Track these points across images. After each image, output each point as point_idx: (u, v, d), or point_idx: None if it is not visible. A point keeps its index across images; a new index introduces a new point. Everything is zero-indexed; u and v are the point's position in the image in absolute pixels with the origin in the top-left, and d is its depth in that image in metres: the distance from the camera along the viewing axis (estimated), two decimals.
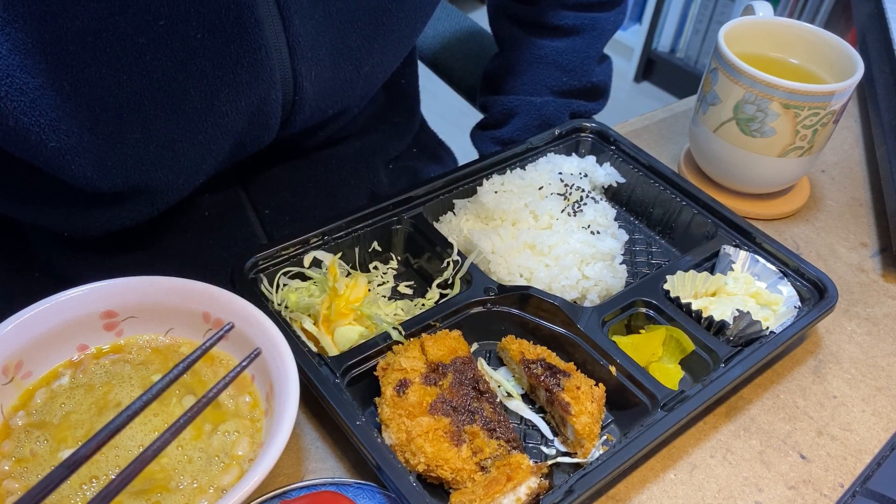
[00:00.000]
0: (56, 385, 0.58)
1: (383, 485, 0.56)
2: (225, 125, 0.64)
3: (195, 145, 0.64)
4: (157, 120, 0.60)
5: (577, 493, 0.54)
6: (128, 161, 0.61)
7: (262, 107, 0.66)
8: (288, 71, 0.65)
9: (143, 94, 0.58)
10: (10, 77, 0.52)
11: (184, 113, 0.61)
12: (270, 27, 0.62)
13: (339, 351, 0.64)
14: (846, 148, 1.02)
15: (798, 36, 0.87)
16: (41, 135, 0.55)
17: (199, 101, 0.61)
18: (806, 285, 0.73)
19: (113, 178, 0.62)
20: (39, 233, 0.77)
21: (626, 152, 0.87)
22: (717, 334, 0.69)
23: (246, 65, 0.61)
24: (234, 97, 0.63)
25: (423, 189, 0.78)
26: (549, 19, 0.94)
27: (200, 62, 0.59)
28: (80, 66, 0.55)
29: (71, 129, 0.57)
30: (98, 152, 0.59)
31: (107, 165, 0.60)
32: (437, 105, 1.04)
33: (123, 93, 0.57)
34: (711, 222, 0.79)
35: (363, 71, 0.73)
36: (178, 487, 0.53)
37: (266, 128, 0.68)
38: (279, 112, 0.68)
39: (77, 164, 0.59)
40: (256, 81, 0.63)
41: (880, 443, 0.66)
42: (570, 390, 0.61)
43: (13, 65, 0.52)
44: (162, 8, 0.55)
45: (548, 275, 0.71)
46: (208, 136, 0.64)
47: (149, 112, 0.60)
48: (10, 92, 0.53)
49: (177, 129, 0.62)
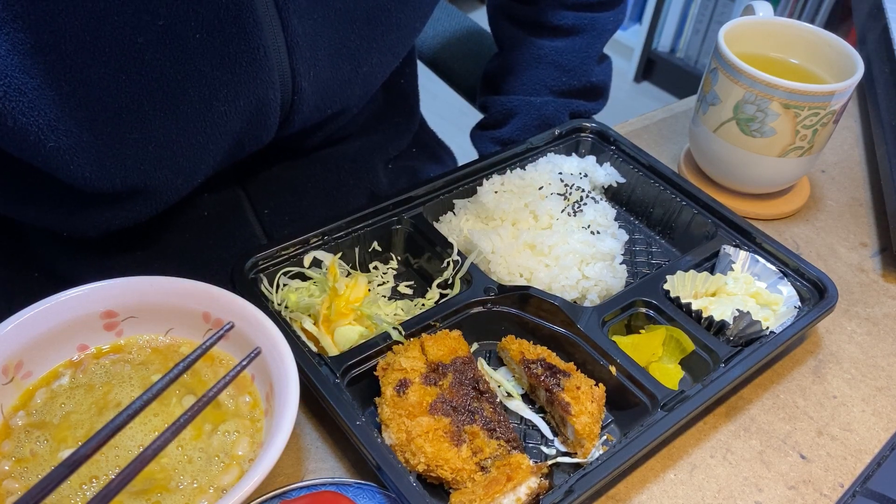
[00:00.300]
0: (56, 385, 0.58)
1: (383, 485, 0.56)
2: (223, 125, 0.64)
3: (194, 145, 0.64)
4: (155, 120, 0.60)
5: (577, 493, 0.54)
6: (126, 161, 0.61)
7: (261, 107, 0.65)
8: (286, 71, 0.65)
9: (141, 94, 0.58)
10: (9, 77, 0.52)
11: (182, 113, 0.61)
12: (269, 27, 0.61)
13: (339, 351, 0.64)
14: (846, 148, 1.02)
15: (798, 36, 0.87)
16: (39, 135, 0.55)
17: (198, 101, 0.61)
18: (806, 285, 0.73)
19: (111, 178, 0.62)
20: (39, 233, 0.77)
21: (626, 152, 0.87)
22: (717, 334, 0.69)
23: (244, 65, 0.61)
24: (233, 97, 0.63)
25: (423, 189, 0.78)
26: (548, 19, 0.94)
27: (199, 62, 0.59)
28: (78, 66, 0.54)
29: (69, 129, 0.57)
30: (96, 152, 0.59)
31: (105, 165, 0.60)
32: (437, 105, 1.04)
33: (122, 93, 0.57)
34: (711, 222, 0.79)
35: (362, 71, 0.73)
36: (178, 487, 0.53)
37: (265, 128, 0.68)
38: (278, 112, 0.68)
39: (75, 164, 0.59)
40: (255, 81, 0.63)
41: (880, 443, 0.66)
42: (570, 390, 0.61)
43: (11, 65, 0.52)
44: (160, 8, 0.55)
45: (548, 275, 0.71)
46: (207, 136, 0.64)
47: (147, 112, 0.59)
48: (8, 92, 0.53)
49: (175, 128, 0.62)
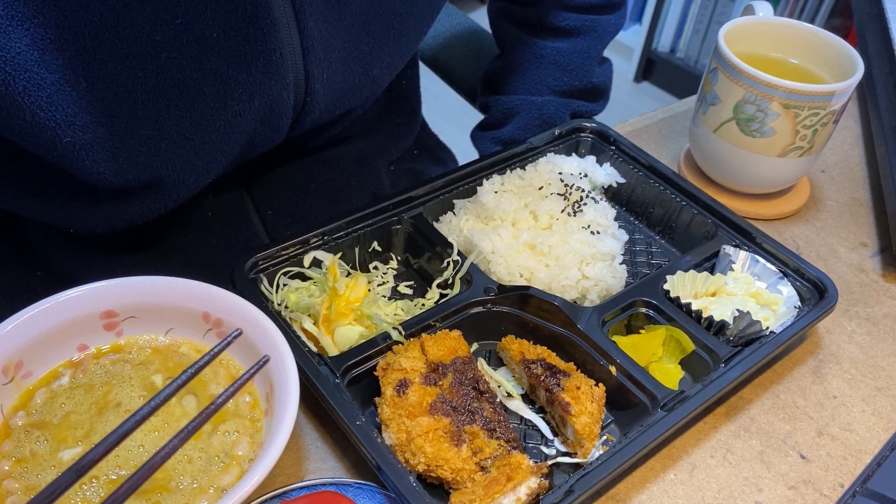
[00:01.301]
0: (56, 385, 0.58)
1: (383, 485, 0.56)
2: (237, 125, 0.64)
3: (207, 143, 0.64)
4: (170, 117, 0.61)
5: (577, 493, 0.54)
6: (140, 157, 0.62)
7: (274, 108, 0.66)
8: (300, 73, 0.65)
9: (157, 91, 0.59)
10: (28, 72, 0.52)
11: (197, 111, 0.61)
12: (286, 29, 0.62)
13: (339, 351, 0.64)
14: (846, 148, 1.02)
15: (798, 36, 0.87)
16: (56, 129, 0.56)
17: (213, 100, 0.61)
18: (806, 285, 0.73)
19: (125, 174, 0.62)
20: (42, 231, 0.77)
21: (626, 152, 0.87)
22: (717, 334, 0.69)
23: (260, 65, 0.62)
24: (248, 97, 0.63)
25: (423, 189, 0.78)
26: (550, 20, 0.94)
27: (215, 61, 0.59)
28: (97, 61, 0.55)
29: (86, 125, 0.57)
30: (111, 148, 0.59)
31: (119, 161, 0.61)
32: (438, 105, 1.04)
33: (138, 89, 0.58)
34: (711, 222, 0.79)
35: (372, 73, 0.73)
36: (178, 487, 0.53)
37: (276, 129, 0.69)
38: (290, 113, 0.68)
39: (90, 160, 0.59)
40: (269, 82, 0.63)
41: (880, 443, 0.66)
42: (570, 390, 0.61)
43: (31, 60, 0.52)
44: (179, 6, 0.56)
45: (548, 275, 0.71)
46: (220, 134, 0.64)
47: (162, 109, 0.60)
48: (27, 87, 0.53)
49: (189, 126, 0.62)
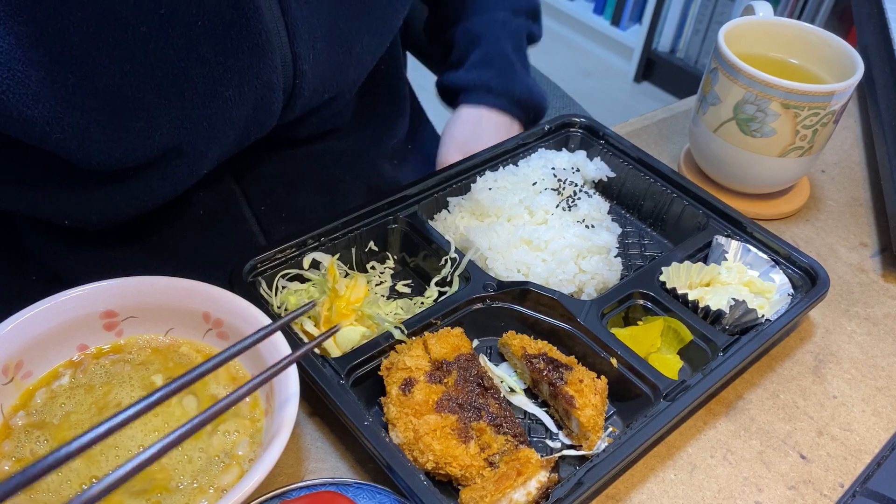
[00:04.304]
0: (56, 385, 0.58)
1: (383, 484, 0.56)
2: (229, 112, 0.64)
3: (200, 132, 0.64)
4: (161, 108, 0.60)
5: (587, 485, 0.54)
6: (133, 151, 0.62)
7: (265, 92, 0.66)
8: (287, 55, 0.66)
9: (146, 84, 0.58)
10: (12, 70, 0.52)
11: (188, 101, 0.61)
12: (269, 11, 0.62)
13: (342, 352, 0.64)
14: (846, 148, 1.02)
15: (798, 36, 0.87)
16: (45, 126, 0.56)
17: (203, 88, 0.61)
18: (798, 273, 0.74)
19: (118, 165, 0.62)
20: (36, 231, 0.76)
21: (616, 146, 0.87)
22: (713, 323, 0.69)
23: (247, 50, 0.62)
24: (238, 83, 0.63)
25: (417, 188, 0.78)
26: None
27: (203, 49, 0.59)
28: (83, 56, 0.55)
29: (75, 120, 0.57)
30: (103, 142, 0.59)
31: (112, 155, 0.61)
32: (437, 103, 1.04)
33: (127, 82, 0.57)
34: (702, 213, 0.80)
35: (354, 52, 0.73)
36: (178, 487, 0.53)
37: (269, 113, 0.69)
38: (281, 97, 0.68)
39: (82, 153, 0.59)
40: (259, 66, 0.63)
41: (880, 443, 0.66)
42: (573, 383, 0.61)
43: (15, 58, 0.52)
44: None
45: (545, 269, 0.72)
46: (213, 123, 0.64)
47: (153, 101, 0.60)
48: (11, 85, 0.53)
49: (181, 116, 0.62)
